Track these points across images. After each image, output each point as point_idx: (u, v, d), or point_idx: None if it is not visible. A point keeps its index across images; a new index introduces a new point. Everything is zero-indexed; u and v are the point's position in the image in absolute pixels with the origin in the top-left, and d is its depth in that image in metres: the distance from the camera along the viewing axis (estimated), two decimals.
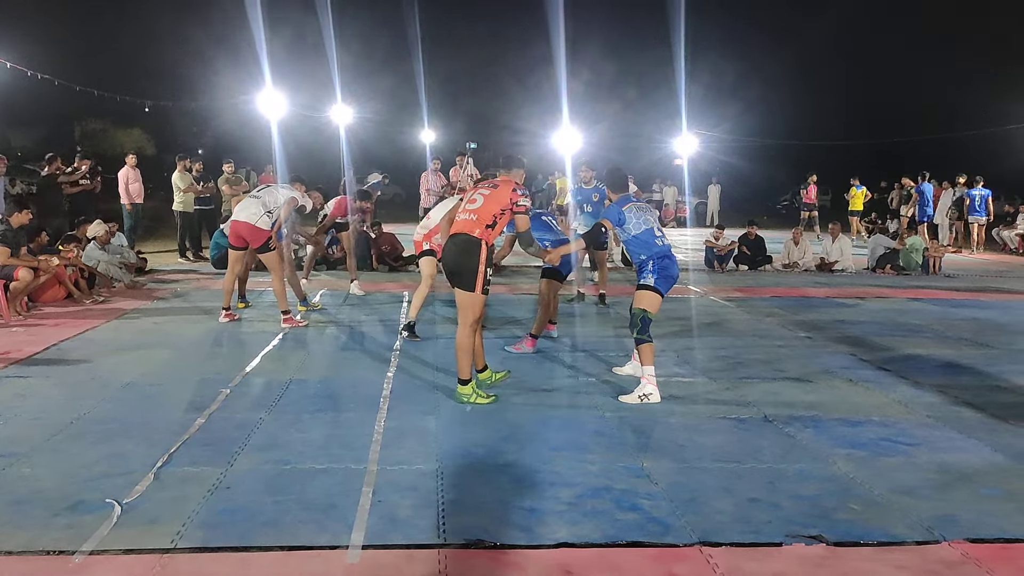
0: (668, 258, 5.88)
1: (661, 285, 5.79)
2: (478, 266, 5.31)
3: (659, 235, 5.89)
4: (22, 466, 4.22)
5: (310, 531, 3.53)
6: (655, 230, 5.88)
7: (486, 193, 5.54)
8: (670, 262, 5.87)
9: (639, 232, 5.82)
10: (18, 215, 8.73)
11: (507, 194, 5.50)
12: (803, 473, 4.38)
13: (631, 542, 3.51)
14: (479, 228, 5.37)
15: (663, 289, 5.81)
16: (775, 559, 3.41)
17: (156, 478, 4.07)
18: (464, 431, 4.94)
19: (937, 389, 6.18)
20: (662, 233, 5.95)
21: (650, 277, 5.76)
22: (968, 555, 3.47)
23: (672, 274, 5.88)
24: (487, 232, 5.39)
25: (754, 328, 8.72)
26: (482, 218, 5.40)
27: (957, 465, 4.56)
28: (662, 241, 5.87)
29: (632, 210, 5.88)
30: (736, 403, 5.72)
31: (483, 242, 5.35)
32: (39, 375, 6.08)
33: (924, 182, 18.84)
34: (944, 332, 8.65)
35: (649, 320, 5.71)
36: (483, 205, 5.45)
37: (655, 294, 5.76)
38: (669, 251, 5.91)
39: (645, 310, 5.71)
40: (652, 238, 5.83)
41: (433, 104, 31.81)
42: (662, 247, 5.85)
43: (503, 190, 5.52)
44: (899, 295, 11.57)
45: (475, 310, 5.41)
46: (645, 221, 5.86)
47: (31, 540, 3.39)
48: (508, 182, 5.64)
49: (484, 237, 5.37)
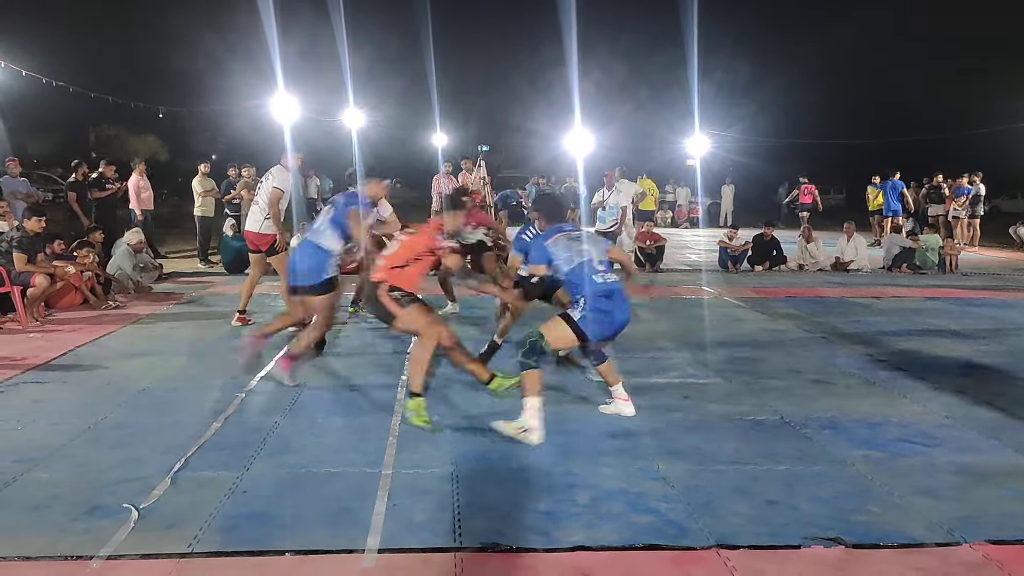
0: (610, 298, 4.95)
1: (587, 327, 4.90)
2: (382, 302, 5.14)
3: (601, 269, 5.04)
4: (40, 471, 4.24)
5: (326, 535, 3.53)
6: (594, 263, 5.03)
7: (404, 239, 5.41)
8: (613, 304, 4.95)
9: (568, 270, 5.01)
10: (33, 221, 8.78)
11: (425, 241, 5.29)
12: (821, 475, 4.35)
13: (647, 545, 3.50)
14: (383, 272, 5.21)
15: (589, 332, 4.91)
16: (793, 562, 3.38)
17: (173, 483, 4.09)
18: (479, 434, 4.93)
19: (955, 389, 6.13)
20: (606, 267, 5.09)
21: (576, 311, 4.93)
22: (990, 557, 3.43)
23: (613, 319, 4.96)
24: (392, 273, 5.18)
25: (769, 329, 8.68)
26: (391, 261, 5.24)
27: (977, 466, 4.51)
28: (604, 277, 5.01)
29: (560, 244, 5.11)
30: (752, 405, 5.69)
31: (382, 283, 5.17)
32: (56, 381, 6.12)
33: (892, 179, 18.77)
34: (962, 331, 8.58)
35: (542, 350, 4.85)
36: (397, 251, 5.31)
37: (570, 332, 4.90)
38: (613, 291, 5.00)
39: (543, 336, 4.87)
40: (589, 273, 4.97)
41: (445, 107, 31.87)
42: (602, 285, 4.97)
43: (422, 236, 5.33)
44: (915, 294, 11.49)
45: (412, 324, 5.14)
46: (579, 254, 5.05)
47: (50, 545, 3.41)
48: (431, 228, 5.36)
49: (384, 278, 5.18)
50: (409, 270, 5.23)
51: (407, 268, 5.22)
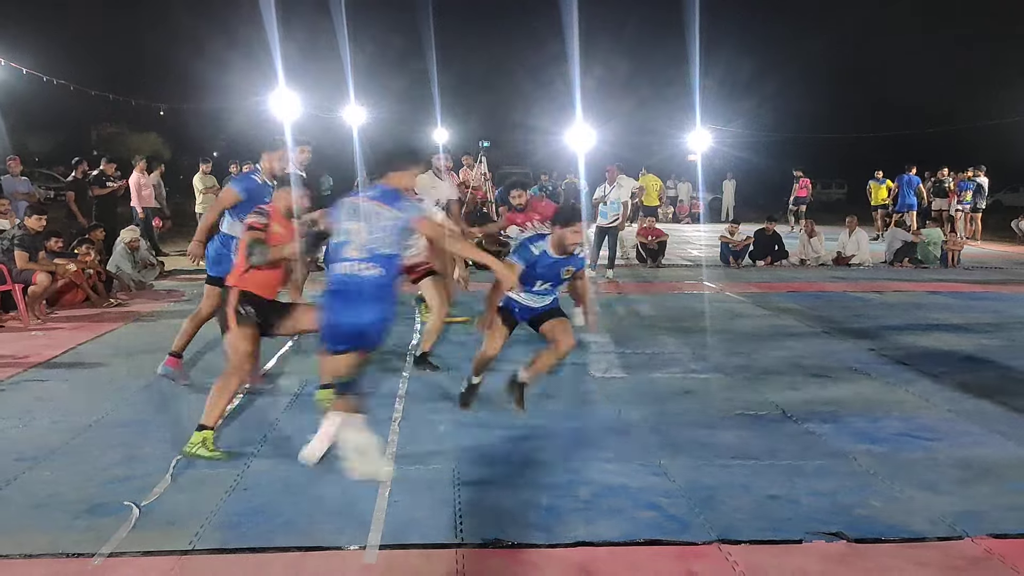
0: (343, 295, 4.02)
1: (326, 336, 4.14)
2: (225, 308, 4.53)
3: (355, 257, 4.01)
4: (42, 469, 4.24)
5: (327, 532, 3.53)
6: (348, 250, 4.04)
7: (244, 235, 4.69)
8: (343, 304, 4.01)
9: (334, 242, 4.18)
10: (34, 220, 8.78)
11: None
12: (822, 469, 4.34)
13: (649, 540, 3.50)
14: (235, 277, 4.59)
15: (328, 342, 4.13)
16: (795, 556, 3.38)
17: (173, 480, 4.09)
18: (480, 431, 4.93)
19: (957, 383, 6.12)
20: (366, 256, 4.00)
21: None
22: (992, 551, 3.42)
23: (339, 322, 4.02)
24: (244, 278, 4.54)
25: (770, 323, 8.67)
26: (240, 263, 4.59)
27: (979, 460, 4.51)
28: (350, 268, 4.01)
29: (344, 207, 4.16)
30: (753, 399, 5.68)
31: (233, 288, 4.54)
32: (58, 378, 6.12)
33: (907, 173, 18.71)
34: (964, 325, 8.56)
35: (346, 383, 4.18)
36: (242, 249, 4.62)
37: (326, 353, 4.20)
38: (351, 283, 3.99)
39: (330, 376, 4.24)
40: (336, 258, 4.12)
41: (446, 103, 31.82)
42: (342, 277, 4.03)
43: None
44: (917, 288, 11.47)
45: (231, 350, 4.57)
46: (345, 232, 4.08)
47: (51, 543, 3.41)
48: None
49: (230, 282, 4.60)
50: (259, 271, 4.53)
51: (250, 271, 4.53)
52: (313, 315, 4.51)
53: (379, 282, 3.99)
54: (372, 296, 3.98)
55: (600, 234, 12.49)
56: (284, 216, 4.68)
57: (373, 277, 3.98)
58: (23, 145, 31.01)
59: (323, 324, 4.11)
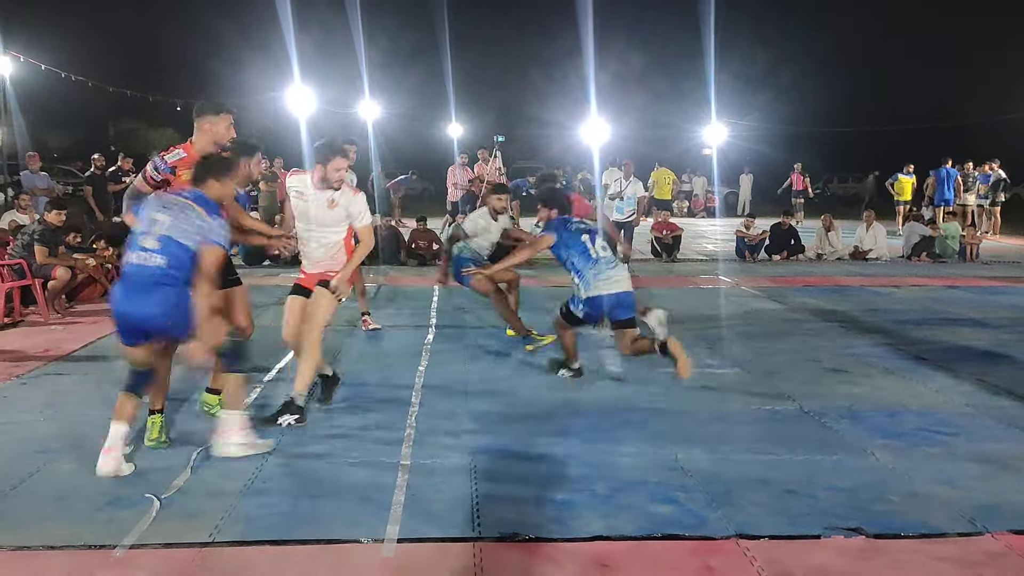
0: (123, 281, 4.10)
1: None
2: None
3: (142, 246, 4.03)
4: (63, 462, 4.29)
5: (345, 525, 3.55)
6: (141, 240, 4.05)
7: None
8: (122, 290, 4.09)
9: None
10: (53, 215, 8.86)
11: None
12: (840, 464, 4.32)
13: (667, 535, 3.50)
14: None
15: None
16: (814, 551, 3.37)
17: (193, 473, 4.12)
18: (496, 424, 4.94)
19: (976, 378, 6.08)
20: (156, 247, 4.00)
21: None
22: (1012, 547, 3.40)
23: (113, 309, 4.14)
24: None
25: (787, 318, 8.63)
26: None
27: (998, 455, 4.48)
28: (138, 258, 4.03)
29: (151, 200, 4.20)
30: (770, 394, 5.66)
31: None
32: (78, 372, 6.18)
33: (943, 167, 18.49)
34: (982, 320, 8.50)
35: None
36: None
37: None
38: (131, 275, 4.05)
39: None
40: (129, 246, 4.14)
41: (460, 98, 31.82)
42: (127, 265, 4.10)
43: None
44: (935, 283, 11.39)
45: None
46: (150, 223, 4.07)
47: (73, 534, 3.45)
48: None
49: None
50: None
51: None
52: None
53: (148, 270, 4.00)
54: (147, 286, 3.99)
55: (615, 229, 12.45)
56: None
57: (142, 265, 4.00)
58: (42, 141, 31.29)
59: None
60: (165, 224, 4.01)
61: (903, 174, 19.80)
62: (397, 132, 34.48)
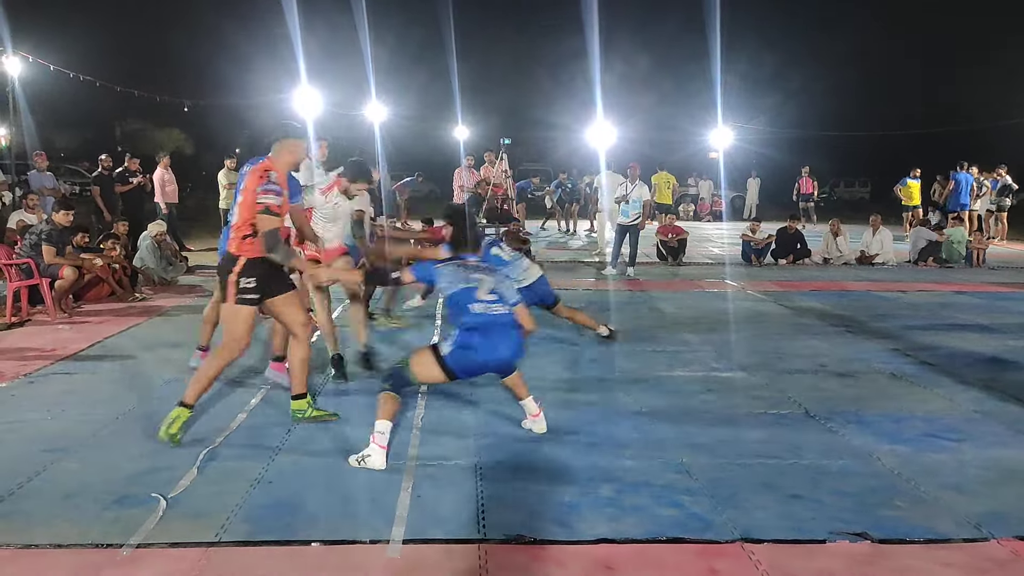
0: (481, 332, 4.39)
1: (453, 363, 4.40)
2: (227, 280, 4.56)
3: (485, 299, 4.43)
4: (70, 461, 4.30)
5: (351, 525, 3.56)
6: (479, 293, 4.44)
7: (240, 200, 4.60)
8: (483, 340, 4.39)
9: (450, 295, 4.50)
10: (61, 215, 8.89)
11: (252, 193, 4.50)
12: (846, 469, 4.32)
13: (672, 538, 3.50)
14: (236, 243, 4.58)
15: (455, 367, 4.41)
16: (819, 556, 3.37)
17: (200, 473, 4.13)
18: (502, 426, 4.94)
19: (982, 384, 6.06)
20: (495, 299, 4.47)
21: (446, 344, 4.45)
22: (1018, 553, 3.40)
23: (477, 356, 4.39)
24: (244, 244, 4.56)
25: (793, 322, 8.62)
26: (239, 229, 4.58)
27: (1005, 461, 4.47)
28: (483, 307, 4.42)
29: (447, 270, 4.52)
30: (776, 398, 5.66)
31: (240, 257, 4.56)
32: (85, 371, 6.20)
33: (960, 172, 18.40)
34: (989, 325, 8.47)
35: (406, 379, 4.47)
36: (237, 216, 4.58)
37: (436, 366, 4.42)
38: (490, 325, 4.41)
39: (410, 366, 4.46)
40: (466, 301, 4.44)
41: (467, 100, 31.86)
42: (477, 316, 4.40)
43: (248, 189, 4.54)
44: (942, 288, 11.36)
45: (227, 327, 4.66)
46: (465, 280, 4.47)
47: (80, 533, 3.46)
48: (253, 177, 4.57)
49: (241, 251, 4.56)
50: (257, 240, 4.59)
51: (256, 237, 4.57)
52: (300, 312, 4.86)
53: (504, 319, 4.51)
54: (506, 331, 4.52)
55: (621, 232, 12.47)
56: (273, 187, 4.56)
57: (501, 314, 4.49)
58: (49, 141, 31.41)
59: (463, 357, 4.41)
60: (485, 282, 4.50)
61: (911, 179, 19.68)
62: (403, 134, 34.58)
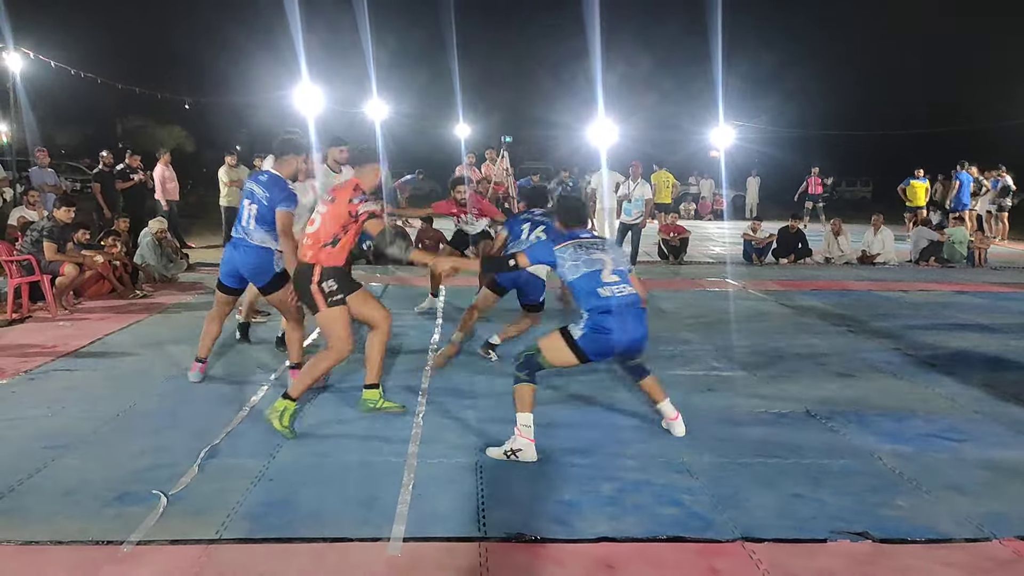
0: (613, 314, 4.42)
1: (586, 345, 4.44)
2: (310, 290, 4.75)
3: (612, 281, 4.49)
4: (71, 457, 4.30)
5: (352, 523, 3.56)
6: (605, 275, 4.50)
7: (323, 211, 4.84)
8: (615, 322, 4.42)
9: (574, 279, 4.54)
10: (63, 211, 8.89)
11: (344, 208, 4.76)
12: (847, 469, 4.32)
13: (672, 537, 3.49)
14: (312, 251, 4.78)
15: (587, 351, 4.46)
16: (820, 555, 3.36)
17: (200, 470, 4.13)
18: (502, 425, 4.92)
19: (984, 384, 6.06)
20: (618, 280, 4.52)
21: (577, 328, 4.48)
22: (1019, 553, 3.39)
23: (611, 338, 4.41)
24: (323, 252, 4.76)
25: (794, 322, 8.61)
26: (318, 239, 4.78)
27: (1006, 461, 4.46)
28: (611, 291, 4.45)
29: (568, 251, 4.59)
30: (777, 397, 5.65)
31: (316, 266, 4.75)
32: (86, 368, 6.20)
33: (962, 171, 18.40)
34: (990, 325, 8.46)
35: (538, 365, 4.49)
36: (319, 227, 4.81)
37: (567, 349, 4.46)
38: (616, 306, 4.43)
39: (541, 351, 4.51)
40: (594, 286, 4.47)
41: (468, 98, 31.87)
42: (605, 299, 4.44)
43: (339, 204, 4.78)
44: (944, 288, 11.35)
45: (329, 330, 4.82)
46: (589, 263, 4.54)
47: (81, 530, 3.46)
48: (345, 190, 4.84)
49: (317, 259, 4.75)
50: (341, 245, 4.80)
51: (339, 244, 4.79)
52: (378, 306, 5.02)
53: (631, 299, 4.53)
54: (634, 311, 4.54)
55: (623, 230, 12.48)
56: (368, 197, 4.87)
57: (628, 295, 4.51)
58: (50, 138, 31.40)
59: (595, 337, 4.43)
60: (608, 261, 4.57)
61: (916, 179, 19.63)
62: (405, 132, 34.55)
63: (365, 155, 5.06)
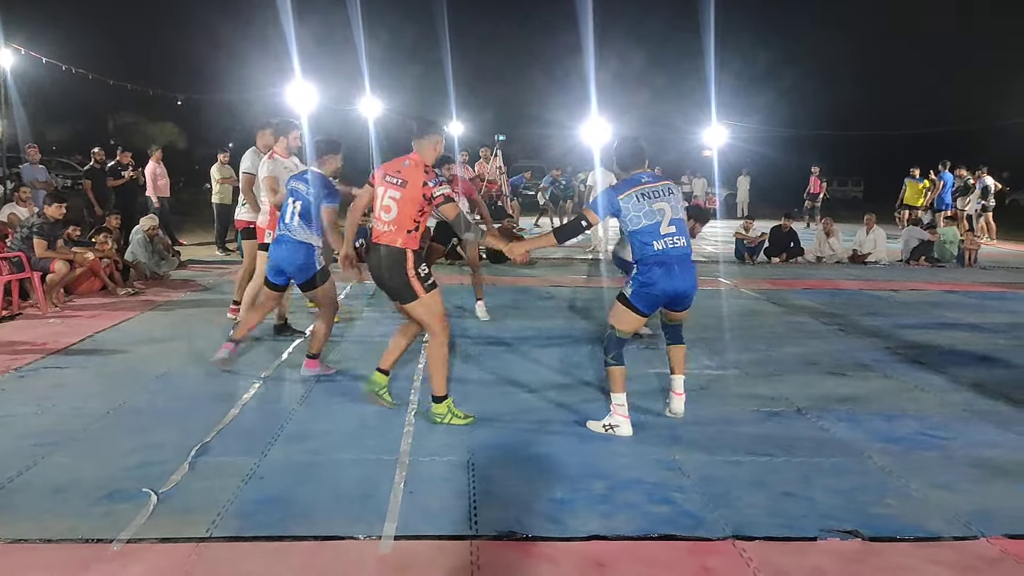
0: (662, 266, 4.62)
1: (638, 301, 4.69)
2: (408, 277, 4.73)
3: (669, 232, 4.65)
4: (61, 455, 4.28)
5: (343, 521, 3.55)
6: (662, 226, 4.64)
7: (396, 196, 4.71)
8: (662, 272, 4.61)
9: (634, 230, 4.66)
10: (53, 208, 8.85)
11: (418, 192, 4.67)
12: (837, 467, 4.33)
13: (663, 535, 3.50)
14: (400, 237, 4.71)
15: (639, 305, 4.69)
16: (810, 553, 3.37)
17: (191, 468, 4.12)
18: (494, 423, 4.94)
19: (973, 383, 6.09)
20: (674, 231, 4.67)
21: (628, 287, 4.74)
22: (1007, 551, 3.41)
23: (658, 290, 4.62)
24: (410, 238, 4.72)
25: (786, 321, 8.64)
26: (401, 225, 4.71)
27: (994, 459, 4.48)
28: (664, 243, 4.62)
29: (632, 200, 4.66)
30: (768, 396, 5.67)
31: (408, 251, 4.71)
32: (76, 366, 6.17)
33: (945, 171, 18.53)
34: (980, 324, 8.51)
35: (619, 340, 4.76)
36: (398, 213, 4.71)
37: (629, 311, 4.72)
38: (667, 257, 4.63)
39: (614, 327, 4.77)
40: (651, 239, 4.63)
41: (461, 96, 31.83)
42: (658, 251, 4.62)
43: (413, 188, 4.68)
44: (933, 287, 11.41)
45: (433, 315, 4.80)
46: (650, 215, 4.64)
47: (70, 528, 3.44)
48: (417, 171, 4.71)
49: (408, 245, 4.71)
50: (420, 229, 4.78)
51: (419, 231, 4.77)
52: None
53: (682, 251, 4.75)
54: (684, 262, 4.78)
55: None
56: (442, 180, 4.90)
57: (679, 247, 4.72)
58: (41, 134, 31.28)
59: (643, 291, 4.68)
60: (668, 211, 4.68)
61: (914, 179, 19.64)
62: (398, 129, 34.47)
63: (424, 127, 4.86)
